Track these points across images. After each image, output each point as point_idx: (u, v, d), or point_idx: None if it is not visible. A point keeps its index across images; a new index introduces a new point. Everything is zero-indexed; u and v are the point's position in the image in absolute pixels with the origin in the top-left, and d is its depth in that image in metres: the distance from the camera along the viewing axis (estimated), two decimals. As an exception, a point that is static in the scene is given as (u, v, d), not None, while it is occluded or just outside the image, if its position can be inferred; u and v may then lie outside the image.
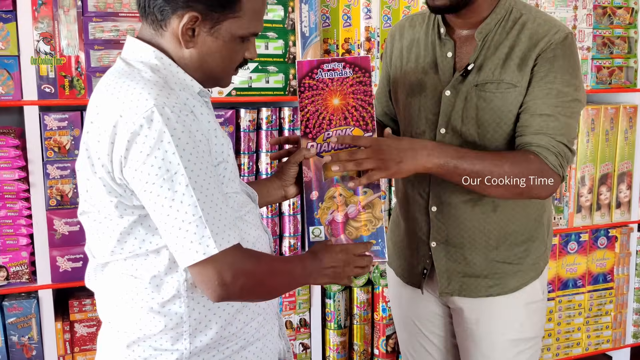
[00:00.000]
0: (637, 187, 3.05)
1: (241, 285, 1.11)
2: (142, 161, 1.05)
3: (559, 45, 1.47)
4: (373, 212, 1.43)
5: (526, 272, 1.62)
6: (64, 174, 2.17)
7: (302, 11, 2.33)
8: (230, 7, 1.14)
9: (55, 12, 2.12)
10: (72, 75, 2.16)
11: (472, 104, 1.51)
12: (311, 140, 1.45)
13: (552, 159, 1.43)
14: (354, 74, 1.43)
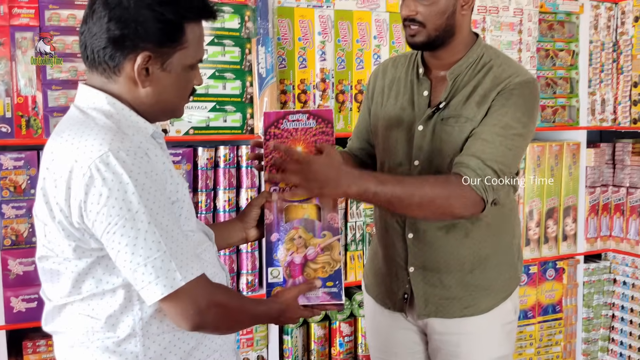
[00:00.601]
0: (582, 220, 3.19)
1: (214, 314, 1.15)
2: (103, 204, 1.08)
3: (517, 86, 1.57)
4: (331, 255, 1.47)
5: (497, 293, 1.71)
6: (19, 214, 2.16)
7: (259, 53, 2.39)
8: (177, 40, 1.19)
9: (13, 52, 2.13)
10: (29, 115, 2.16)
11: (437, 136, 1.61)
12: (274, 185, 1.49)
13: (474, 180, 1.48)
14: (317, 125, 1.49)
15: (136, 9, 1.14)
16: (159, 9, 1.15)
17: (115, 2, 1.15)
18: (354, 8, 2.61)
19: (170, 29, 1.18)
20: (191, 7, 1.20)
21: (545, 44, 3.07)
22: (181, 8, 1.18)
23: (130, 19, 1.14)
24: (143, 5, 1.15)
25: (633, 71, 3.15)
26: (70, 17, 2.18)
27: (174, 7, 1.17)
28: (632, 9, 3.14)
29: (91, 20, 1.17)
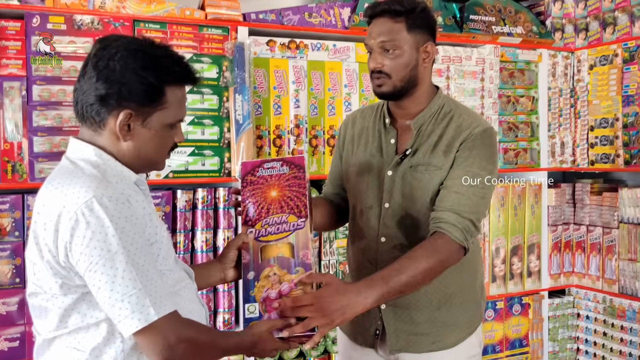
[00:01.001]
0: (545, 257, 3.33)
1: (184, 349, 1.25)
2: (86, 245, 1.19)
3: (478, 136, 1.72)
4: (304, 289, 1.56)
5: (463, 329, 1.82)
6: (3, 255, 2.24)
7: (236, 101, 2.53)
8: (157, 101, 1.31)
9: (1, 100, 2.24)
10: (15, 160, 2.26)
11: (407, 182, 1.74)
12: (250, 227, 1.60)
13: (457, 234, 1.63)
14: (290, 171, 1.61)
15: (121, 72, 1.27)
16: (141, 72, 1.28)
17: (103, 65, 1.28)
18: (325, 59, 2.77)
19: (151, 91, 1.30)
20: (172, 72, 1.33)
21: (506, 90, 3.25)
22: (162, 73, 1.31)
23: (115, 80, 1.27)
24: (128, 69, 1.28)
25: (589, 116, 3.34)
26: (56, 68, 2.30)
27: (156, 71, 1.30)
28: (587, 58, 3.35)
29: (83, 79, 1.30)
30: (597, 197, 3.32)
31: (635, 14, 3.10)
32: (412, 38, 1.70)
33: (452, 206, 1.66)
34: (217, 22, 2.56)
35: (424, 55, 1.74)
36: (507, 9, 3.28)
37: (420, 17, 1.72)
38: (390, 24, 1.70)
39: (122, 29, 2.39)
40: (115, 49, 1.29)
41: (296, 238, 1.59)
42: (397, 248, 1.75)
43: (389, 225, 1.77)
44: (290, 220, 1.60)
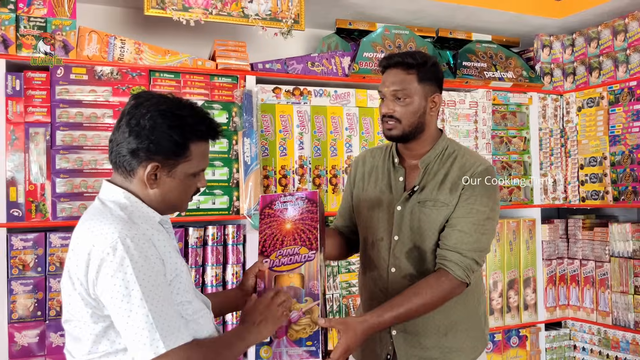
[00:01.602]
0: (540, 290, 3.45)
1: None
2: (108, 281, 1.34)
3: (480, 174, 1.87)
4: (311, 317, 1.68)
5: (468, 354, 1.94)
6: (26, 289, 2.38)
7: (245, 143, 2.70)
8: (182, 154, 1.48)
9: (27, 145, 2.41)
10: (38, 200, 2.42)
11: (416, 216, 1.89)
12: (266, 257, 1.74)
13: (459, 272, 1.80)
14: (304, 205, 1.76)
15: (151, 130, 1.44)
16: (168, 131, 1.45)
17: (135, 122, 1.45)
18: (327, 104, 2.95)
19: (177, 147, 1.47)
20: (197, 131, 1.50)
21: (499, 131, 3.43)
22: (187, 131, 1.48)
23: (145, 137, 1.44)
24: (156, 127, 1.44)
25: (579, 154, 3.51)
26: (78, 115, 2.48)
27: (182, 130, 1.46)
28: (575, 100, 3.54)
29: (117, 132, 1.48)
30: (589, 232, 3.46)
31: (619, 59, 3.29)
32: (422, 89, 1.88)
33: (455, 245, 1.81)
34: (227, 71, 2.75)
35: (432, 105, 1.91)
36: (498, 55, 3.48)
37: (430, 70, 1.89)
38: (402, 75, 1.88)
39: (139, 78, 2.58)
40: (147, 109, 1.46)
41: (306, 269, 1.71)
42: (406, 278, 1.89)
43: (399, 257, 1.91)
44: (302, 252, 1.73)
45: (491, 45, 3.51)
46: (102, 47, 2.55)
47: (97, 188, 2.49)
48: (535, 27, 3.59)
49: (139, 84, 2.58)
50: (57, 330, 2.41)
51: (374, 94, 3.05)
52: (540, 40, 3.63)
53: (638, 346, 3.11)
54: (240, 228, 2.76)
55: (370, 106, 3.05)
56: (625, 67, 3.26)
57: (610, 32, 3.35)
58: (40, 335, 2.39)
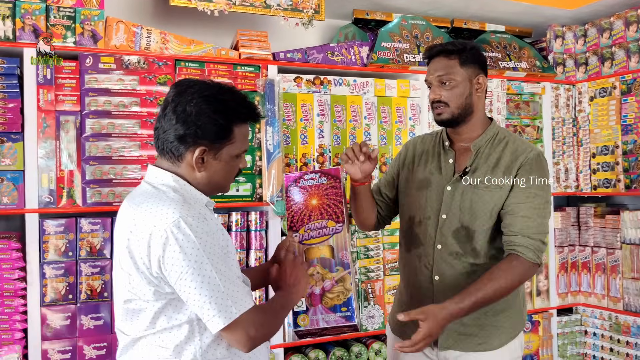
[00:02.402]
0: (553, 277, 3.52)
1: (262, 334, 1.47)
2: (176, 257, 1.40)
3: (534, 161, 1.96)
4: (344, 285, 1.79)
5: (507, 333, 2.01)
6: (58, 274, 2.44)
7: (267, 132, 2.76)
8: (227, 137, 1.54)
9: (58, 133, 2.47)
10: (68, 186, 2.48)
11: (468, 197, 1.97)
12: (295, 232, 1.82)
13: (531, 255, 1.87)
14: (327, 182, 1.84)
15: (197, 116, 1.50)
16: (213, 116, 1.51)
17: (181, 109, 1.51)
18: (347, 93, 3.01)
19: (222, 130, 1.53)
20: (240, 114, 1.57)
21: (513, 120, 3.48)
22: (231, 115, 1.54)
23: (192, 123, 1.50)
24: (202, 113, 1.51)
25: (591, 144, 3.57)
26: (107, 103, 2.54)
27: (226, 114, 1.53)
28: (587, 90, 3.59)
29: (163, 120, 1.54)
30: (601, 219, 3.52)
31: (631, 49, 3.35)
32: (465, 72, 1.97)
33: (521, 230, 1.89)
34: (250, 61, 2.81)
35: (477, 86, 2.00)
36: (511, 45, 3.53)
37: (471, 53, 1.98)
38: (445, 61, 1.97)
39: (165, 67, 2.64)
40: (191, 96, 1.52)
41: (335, 241, 1.82)
42: (452, 255, 1.97)
43: (445, 234, 1.99)
44: (330, 225, 1.82)
45: (505, 35, 3.57)
46: (129, 37, 2.61)
47: (125, 175, 2.55)
48: (548, 17, 3.64)
49: (165, 73, 2.64)
50: (87, 313, 2.48)
51: (392, 83, 3.11)
52: (553, 30, 3.68)
53: (649, 331, 3.18)
54: (263, 214, 2.83)
55: (388, 95, 3.10)
56: (637, 58, 3.32)
57: (622, 23, 3.40)
58: (71, 318, 2.46)
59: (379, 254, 3.05)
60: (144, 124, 2.59)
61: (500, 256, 1.96)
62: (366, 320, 2.99)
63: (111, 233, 2.53)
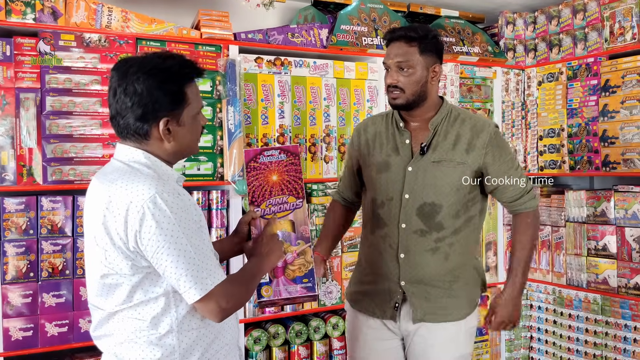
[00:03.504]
0: (501, 254, 3.68)
1: (233, 305, 1.53)
2: (153, 232, 1.45)
3: (496, 134, 2.08)
4: (305, 258, 1.87)
5: (469, 303, 2.13)
6: (19, 251, 2.44)
7: (228, 112, 2.79)
8: (183, 101, 1.57)
9: (17, 110, 2.45)
10: (29, 164, 2.47)
11: (430, 175, 2.04)
12: (256, 207, 1.88)
13: (534, 203, 2.12)
14: (287, 158, 1.90)
15: (148, 92, 1.52)
16: (163, 86, 1.54)
17: (131, 91, 1.52)
18: (307, 74, 3.07)
19: (176, 97, 1.57)
20: (185, 75, 1.59)
21: (465, 103, 3.61)
22: (179, 79, 1.57)
23: (146, 100, 1.52)
24: (152, 87, 1.52)
25: (539, 126, 3.73)
26: (67, 81, 2.53)
27: (174, 81, 1.56)
28: (536, 75, 3.75)
29: (117, 104, 1.55)
30: (547, 199, 3.70)
31: (578, 36, 3.51)
32: (423, 60, 2.03)
33: (513, 194, 2.10)
34: (211, 40, 2.83)
35: (432, 74, 2.07)
36: (465, 30, 3.65)
37: (431, 42, 2.04)
38: (405, 47, 2.02)
39: (127, 46, 2.64)
40: (135, 75, 1.53)
41: (296, 216, 1.89)
42: (417, 233, 2.06)
43: (409, 214, 2.06)
44: (290, 200, 1.89)
45: (459, 21, 3.68)
46: (89, 15, 2.59)
47: (86, 153, 2.55)
48: (499, 4, 3.77)
49: (126, 51, 2.64)
50: (49, 291, 2.49)
51: (350, 65, 3.17)
52: (504, 17, 3.81)
53: (589, 304, 3.38)
54: (224, 193, 2.87)
55: (347, 77, 3.17)
56: (583, 45, 3.48)
57: (570, 11, 3.56)
58: (32, 296, 2.46)
59: (337, 232, 3.14)
60: (105, 103, 2.59)
61: (464, 229, 2.07)
62: (324, 296, 3.08)
63: (72, 211, 2.54)
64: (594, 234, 3.36)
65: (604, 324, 3.31)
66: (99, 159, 2.57)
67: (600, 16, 3.37)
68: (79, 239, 2.54)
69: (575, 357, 3.45)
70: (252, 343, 2.91)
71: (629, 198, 3.20)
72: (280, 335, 3.00)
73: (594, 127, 3.37)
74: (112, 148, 2.59)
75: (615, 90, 3.26)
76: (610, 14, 3.31)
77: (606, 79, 3.31)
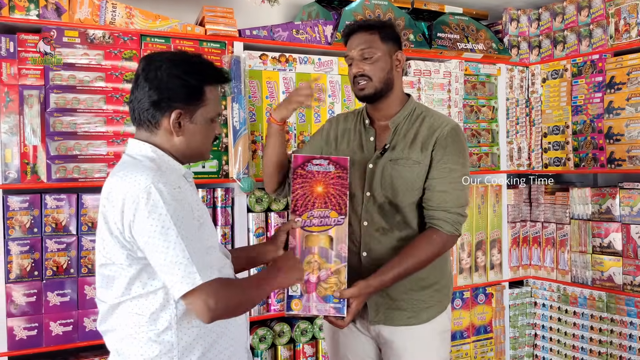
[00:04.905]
0: (505, 251, 3.67)
1: (224, 308, 1.47)
2: (144, 221, 1.43)
3: (449, 135, 2.02)
4: (339, 278, 1.84)
5: (434, 307, 2.09)
6: (23, 250, 2.42)
7: (233, 109, 2.77)
8: (199, 98, 1.58)
9: (21, 107, 2.43)
10: (33, 162, 2.45)
11: (388, 173, 2.02)
12: (298, 216, 1.85)
13: (448, 227, 1.96)
14: (335, 170, 1.87)
15: (168, 79, 1.55)
16: (184, 77, 1.56)
17: (152, 76, 1.56)
18: (312, 71, 3.04)
19: (194, 91, 1.58)
20: (208, 75, 1.62)
21: (469, 100, 3.59)
22: (201, 75, 1.59)
23: (164, 87, 1.55)
24: (173, 76, 1.55)
25: (543, 124, 3.72)
26: (71, 78, 2.50)
27: (196, 75, 1.58)
28: (540, 72, 3.73)
29: (137, 90, 1.58)
30: (551, 196, 3.69)
31: (582, 33, 3.49)
32: (385, 47, 2.04)
33: (439, 204, 1.97)
34: (216, 37, 2.80)
35: (396, 62, 2.08)
36: (469, 27, 3.63)
37: (389, 30, 2.06)
38: (366, 36, 2.04)
39: (131, 42, 2.61)
40: (160, 62, 1.57)
41: (335, 232, 1.85)
42: (378, 231, 2.03)
43: (370, 211, 2.04)
44: (332, 215, 1.86)
45: (463, 17, 3.66)
46: (93, 11, 2.57)
47: (90, 150, 2.53)
48: (503, 1, 3.76)
49: (130, 48, 2.61)
50: (53, 290, 2.46)
51: (355, 62, 3.15)
52: (508, 13, 3.80)
53: (594, 301, 3.37)
54: (229, 191, 2.85)
55: (351, 74, 3.15)
56: (588, 41, 3.46)
57: (574, 8, 3.54)
58: (37, 295, 2.44)
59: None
60: (109, 100, 2.57)
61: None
62: (329, 294, 3.06)
63: (77, 209, 2.52)
64: (599, 231, 3.35)
65: (609, 322, 3.30)
66: (104, 157, 2.55)
67: (605, 13, 3.35)
68: (84, 237, 2.51)
69: (580, 354, 3.44)
70: (258, 341, 2.89)
71: (634, 195, 3.18)
72: (285, 334, 2.99)
73: (599, 124, 3.36)
74: (117, 145, 2.57)
75: (621, 87, 3.25)
76: (615, 11, 3.30)
77: (611, 75, 3.30)
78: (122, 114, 2.59)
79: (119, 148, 2.57)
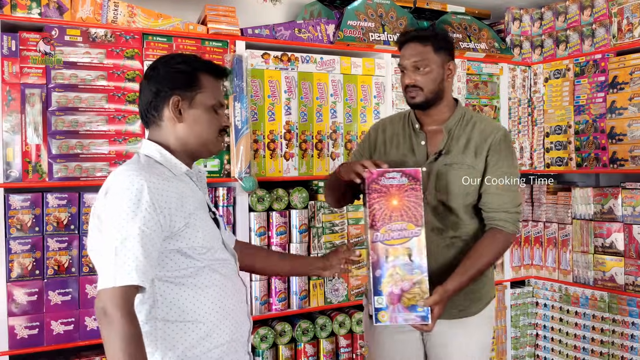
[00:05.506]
0: (507, 251, 3.65)
1: (105, 323, 1.38)
2: (111, 209, 1.49)
3: (502, 140, 2.09)
4: (421, 287, 1.90)
5: (484, 299, 2.16)
6: (25, 249, 2.41)
7: (235, 108, 2.77)
8: (194, 84, 1.63)
9: (23, 106, 2.42)
10: (35, 161, 2.44)
11: (443, 177, 2.07)
12: (376, 231, 1.89)
13: (511, 227, 2.04)
14: (408, 182, 1.89)
15: (163, 70, 1.64)
16: (177, 65, 1.64)
17: (150, 72, 1.66)
18: (314, 70, 3.04)
19: (188, 77, 1.63)
20: (201, 63, 1.68)
21: (472, 100, 3.59)
22: (193, 63, 1.66)
23: (161, 79, 1.63)
24: (167, 66, 1.64)
25: (545, 123, 3.71)
26: (73, 76, 2.50)
27: (189, 63, 1.66)
28: (542, 71, 3.72)
29: (142, 93, 1.67)
30: (553, 196, 3.68)
31: (585, 32, 3.48)
32: (438, 58, 2.07)
33: (499, 206, 2.04)
34: (218, 36, 2.80)
35: (448, 72, 2.11)
36: (471, 26, 3.62)
37: (443, 41, 2.09)
38: (420, 47, 2.06)
39: (133, 41, 2.61)
40: (158, 62, 1.68)
41: (413, 244, 1.90)
42: (433, 231, 2.07)
43: (425, 212, 2.03)
44: (409, 228, 1.90)
45: (465, 17, 3.65)
46: (95, 9, 2.56)
47: (92, 149, 2.53)
48: (506, 0, 3.74)
49: (132, 47, 2.61)
50: (55, 289, 2.46)
51: (357, 61, 3.15)
52: (511, 13, 3.79)
53: (596, 301, 3.36)
54: (231, 190, 2.85)
55: (354, 73, 3.15)
56: (590, 41, 3.45)
57: (577, 7, 3.53)
58: (38, 294, 2.44)
59: (344, 229, 3.12)
60: (111, 98, 2.56)
61: (480, 228, 2.08)
62: (331, 294, 3.06)
63: (78, 208, 2.51)
64: (601, 231, 3.34)
65: (610, 322, 3.29)
66: (105, 156, 2.54)
67: (608, 12, 3.35)
68: (85, 236, 2.51)
69: (582, 354, 3.44)
70: (259, 341, 2.89)
71: (636, 195, 3.18)
72: (286, 333, 2.98)
73: (601, 124, 3.35)
74: (119, 144, 2.56)
75: (623, 87, 3.24)
76: (618, 10, 3.29)
77: (614, 75, 3.29)
78: (124, 113, 2.58)
79: (120, 147, 2.57)
